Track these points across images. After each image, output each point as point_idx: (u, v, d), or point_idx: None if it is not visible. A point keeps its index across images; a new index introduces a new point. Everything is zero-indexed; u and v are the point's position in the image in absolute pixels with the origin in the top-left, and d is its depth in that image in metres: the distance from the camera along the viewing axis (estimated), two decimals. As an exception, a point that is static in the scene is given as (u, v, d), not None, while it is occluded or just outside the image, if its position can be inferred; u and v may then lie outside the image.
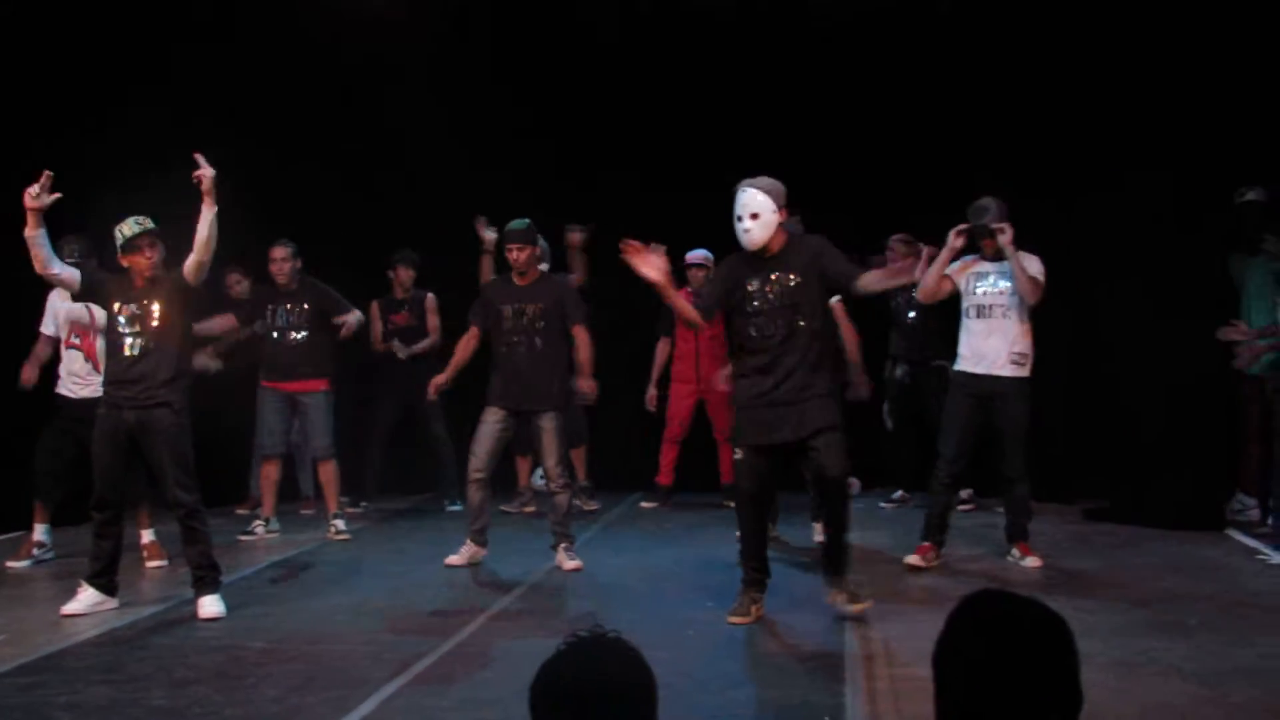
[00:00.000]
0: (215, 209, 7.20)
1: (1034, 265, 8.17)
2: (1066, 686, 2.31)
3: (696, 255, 10.51)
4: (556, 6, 11.80)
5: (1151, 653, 6.19)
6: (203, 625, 7.09)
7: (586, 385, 8.74)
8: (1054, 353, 9.58)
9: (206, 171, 7.14)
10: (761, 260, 6.93)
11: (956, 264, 8.27)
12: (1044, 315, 8.45)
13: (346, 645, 6.64)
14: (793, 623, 6.96)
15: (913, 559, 8.25)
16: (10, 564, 8.81)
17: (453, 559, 8.65)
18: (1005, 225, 8.09)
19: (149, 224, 7.36)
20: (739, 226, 6.89)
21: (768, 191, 6.86)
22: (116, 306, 7.38)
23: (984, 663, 2.30)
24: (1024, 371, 8.24)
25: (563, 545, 8.58)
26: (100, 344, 8.49)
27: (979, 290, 8.28)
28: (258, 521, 9.97)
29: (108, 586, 7.42)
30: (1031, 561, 8.29)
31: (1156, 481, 9.91)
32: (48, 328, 8.97)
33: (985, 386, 8.19)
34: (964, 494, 10.19)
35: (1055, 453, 10.60)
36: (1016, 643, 2.30)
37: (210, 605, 7.26)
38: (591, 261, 10.47)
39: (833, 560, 7.06)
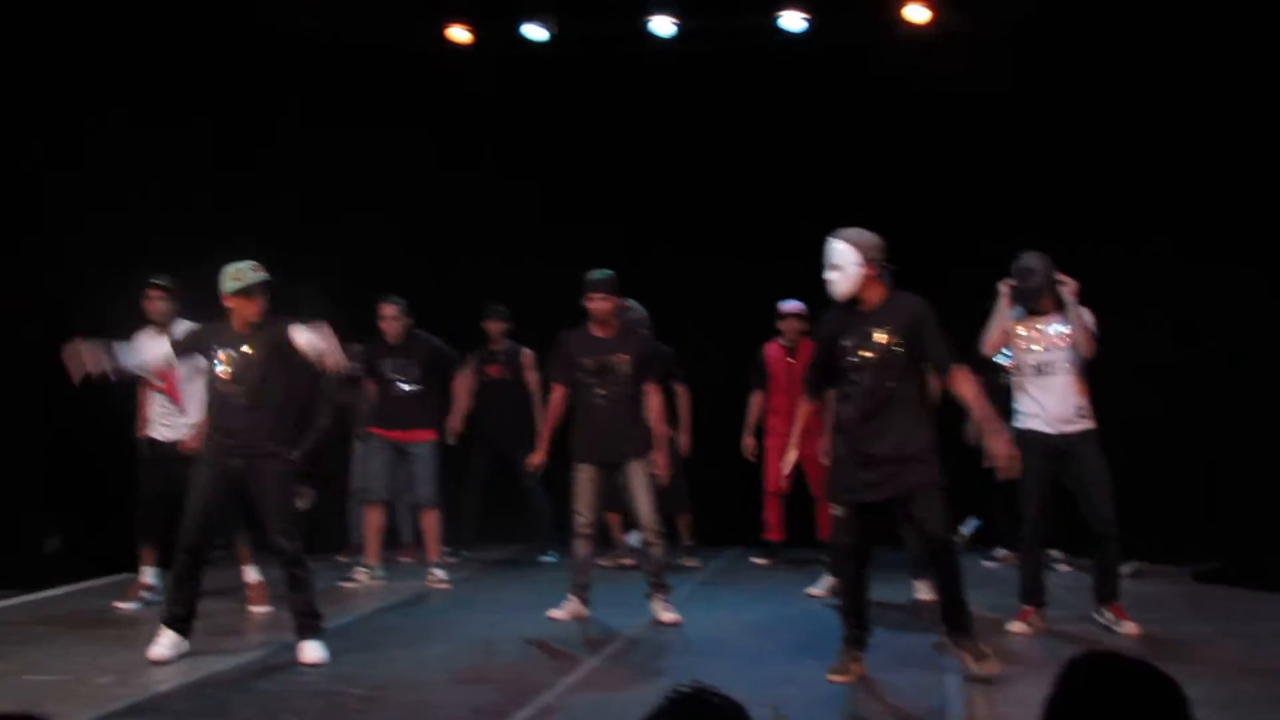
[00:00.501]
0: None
1: (1088, 317, 8.02)
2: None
3: (792, 306, 10.51)
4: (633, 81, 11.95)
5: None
6: (305, 670, 7.10)
7: (661, 462, 8.68)
8: (1166, 407, 9.47)
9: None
10: (858, 315, 6.80)
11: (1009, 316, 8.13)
12: (1155, 369, 8.31)
13: (445, 695, 6.62)
14: (894, 681, 6.81)
15: (1017, 626, 8.03)
16: (118, 605, 8.92)
17: (555, 613, 8.57)
18: (1067, 279, 7.99)
19: (264, 274, 7.39)
20: (825, 276, 6.84)
21: (853, 243, 6.74)
22: (221, 355, 7.41)
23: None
24: (1091, 423, 8.06)
25: (659, 597, 8.53)
26: (185, 386, 8.66)
27: (1035, 348, 8.10)
28: (360, 569, 10.03)
29: (186, 630, 7.43)
30: (1128, 628, 7.94)
31: (1277, 544, 9.63)
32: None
33: (1057, 443, 7.98)
34: (1054, 553, 10.02)
35: (1165, 511, 10.37)
36: (1129, 707, 2.27)
37: (312, 651, 7.27)
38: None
39: (952, 620, 6.85)
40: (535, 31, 11.85)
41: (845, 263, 6.74)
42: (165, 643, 7.34)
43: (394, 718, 6.18)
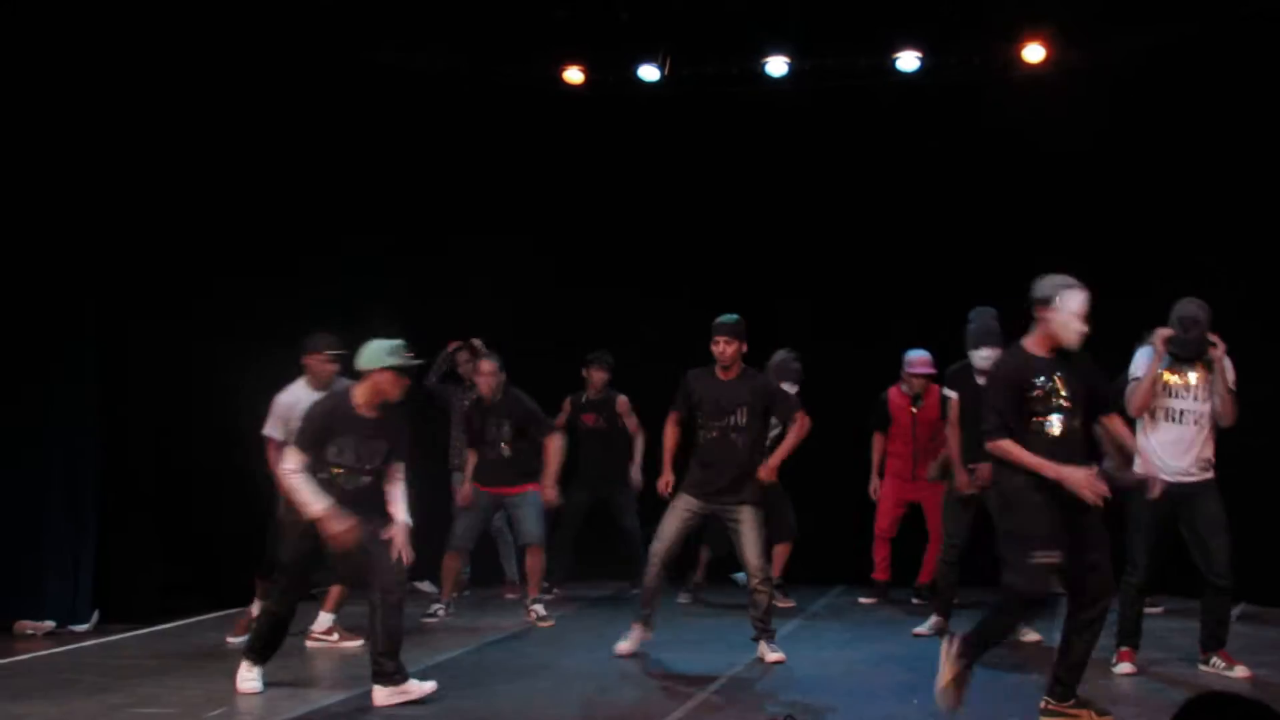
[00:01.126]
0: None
1: (1230, 373, 7.78)
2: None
3: (919, 359, 10.46)
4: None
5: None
6: (411, 706, 7.03)
7: (765, 472, 8.52)
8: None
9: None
10: (1043, 360, 6.51)
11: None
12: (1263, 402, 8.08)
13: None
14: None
15: (1124, 668, 7.83)
16: (230, 640, 8.98)
17: (623, 646, 8.52)
18: (1216, 339, 7.76)
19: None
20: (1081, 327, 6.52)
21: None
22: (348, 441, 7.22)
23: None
24: (1211, 474, 7.84)
25: (764, 640, 8.47)
26: None
27: (1175, 397, 7.81)
28: (438, 605, 10.01)
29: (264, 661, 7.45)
30: (1239, 671, 7.71)
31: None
32: (274, 432, 8.67)
33: (1174, 491, 7.69)
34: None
35: (1273, 551, 10.04)
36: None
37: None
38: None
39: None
40: (648, 72, 11.86)
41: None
42: (254, 675, 7.38)
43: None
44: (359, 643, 8.62)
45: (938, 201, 11.75)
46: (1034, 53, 11.15)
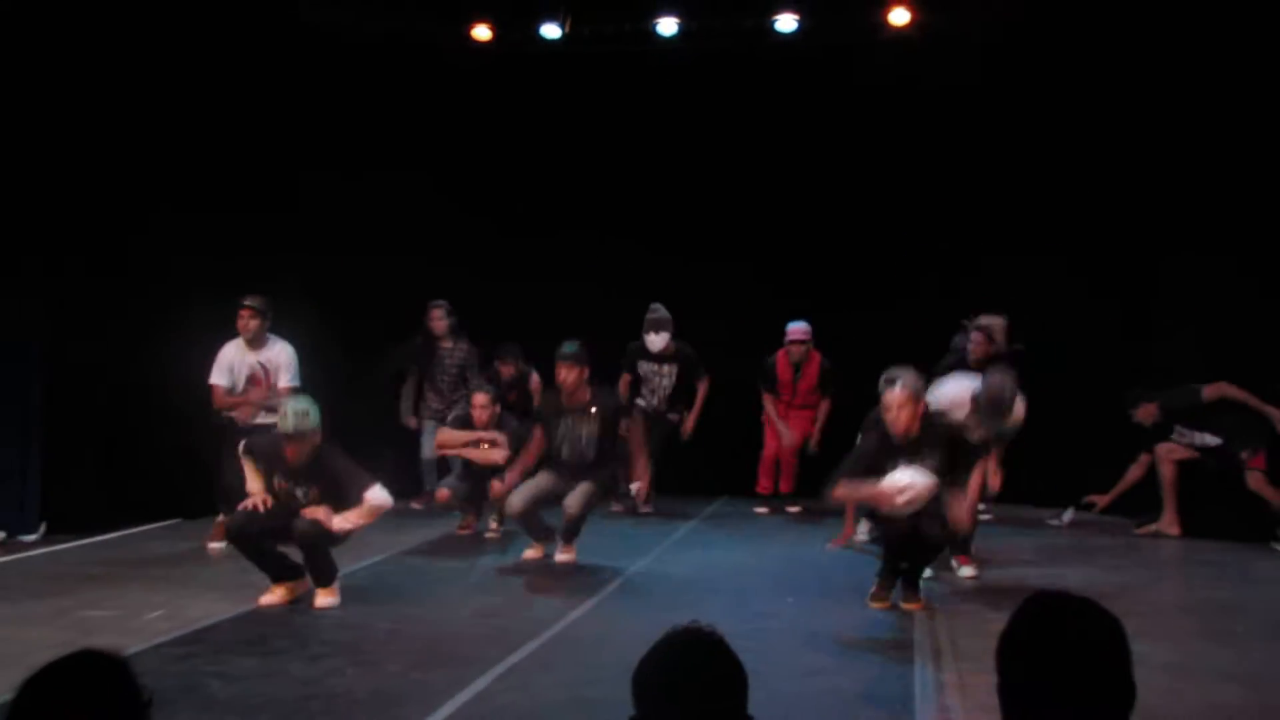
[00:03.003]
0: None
1: None
2: (1121, 680, 2.28)
3: (797, 329, 10.80)
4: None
5: (1202, 656, 6.12)
6: (336, 608, 7.17)
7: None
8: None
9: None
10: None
11: None
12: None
13: (462, 629, 6.71)
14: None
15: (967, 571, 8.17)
16: (210, 546, 8.92)
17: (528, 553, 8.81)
18: None
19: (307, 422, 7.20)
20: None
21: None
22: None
23: (1044, 656, 2.29)
24: None
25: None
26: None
27: None
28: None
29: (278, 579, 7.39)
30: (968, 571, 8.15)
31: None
32: (218, 379, 9.02)
33: None
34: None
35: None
36: (1074, 638, 2.28)
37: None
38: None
39: None
40: (551, 30, 11.75)
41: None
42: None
43: (414, 649, 6.23)
44: None
45: (820, 158, 11.74)
46: (899, 16, 11.15)
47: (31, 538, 9.26)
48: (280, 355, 9.09)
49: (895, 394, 6.92)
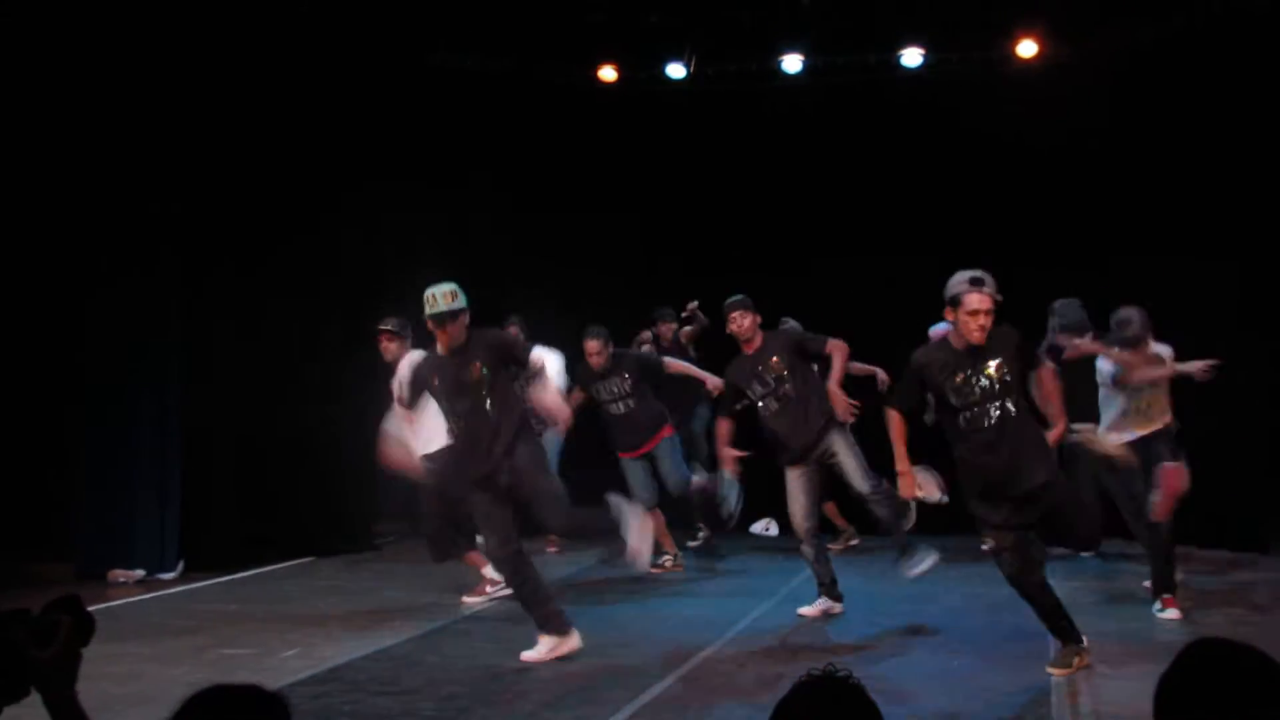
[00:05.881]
0: None
1: None
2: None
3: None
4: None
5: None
6: (465, 645, 7.19)
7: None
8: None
9: None
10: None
11: None
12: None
13: (590, 669, 6.66)
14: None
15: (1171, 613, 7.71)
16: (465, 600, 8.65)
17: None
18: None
19: (455, 303, 6.81)
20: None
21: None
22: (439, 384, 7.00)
23: (1207, 708, 2.18)
24: None
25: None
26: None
27: None
28: (666, 556, 9.73)
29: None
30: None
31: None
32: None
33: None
34: None
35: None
36: (1239, 688, 2.17)
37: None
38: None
39: None
40: (675, 70, 11.80)
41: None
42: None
43: (546, 688, 6.24)
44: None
45: (949, 191, 11.61)
46: (1027, 49, 11.00)
47: (170, 575, 9.48)
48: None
49: (982, 296, 6.28)
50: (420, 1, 10.81)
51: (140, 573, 9.42)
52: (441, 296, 6.76)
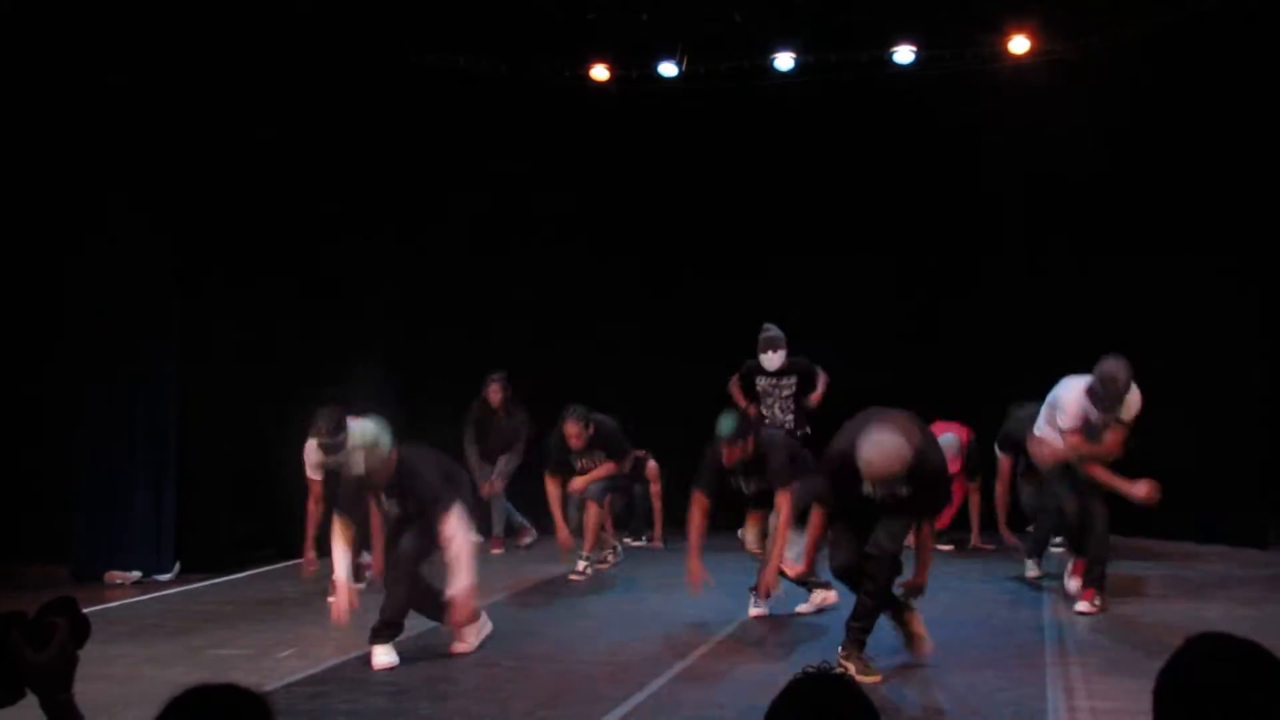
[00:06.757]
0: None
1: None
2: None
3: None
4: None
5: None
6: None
7: None
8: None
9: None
10: None
11: None
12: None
13: (585, 668, 6.67)
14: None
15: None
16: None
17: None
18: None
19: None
20: None
21: None
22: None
23: (1208, 703, 2.17)
24: None
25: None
26: None
27: None
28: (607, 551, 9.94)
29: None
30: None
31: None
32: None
33: None
34: None
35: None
36: (1241, 683, 2.16)
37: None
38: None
39: None
40: (668, 69, 11.77)
41: None
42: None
43: (540, 687, 6.23)
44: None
45: (932, 185, 11.62)
46: (1019, 45, 11.00)
47: (166, 577, 9.49)
48: None
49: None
50: (414, 1, 10.81)
51: (136, 574, 9.42)
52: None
